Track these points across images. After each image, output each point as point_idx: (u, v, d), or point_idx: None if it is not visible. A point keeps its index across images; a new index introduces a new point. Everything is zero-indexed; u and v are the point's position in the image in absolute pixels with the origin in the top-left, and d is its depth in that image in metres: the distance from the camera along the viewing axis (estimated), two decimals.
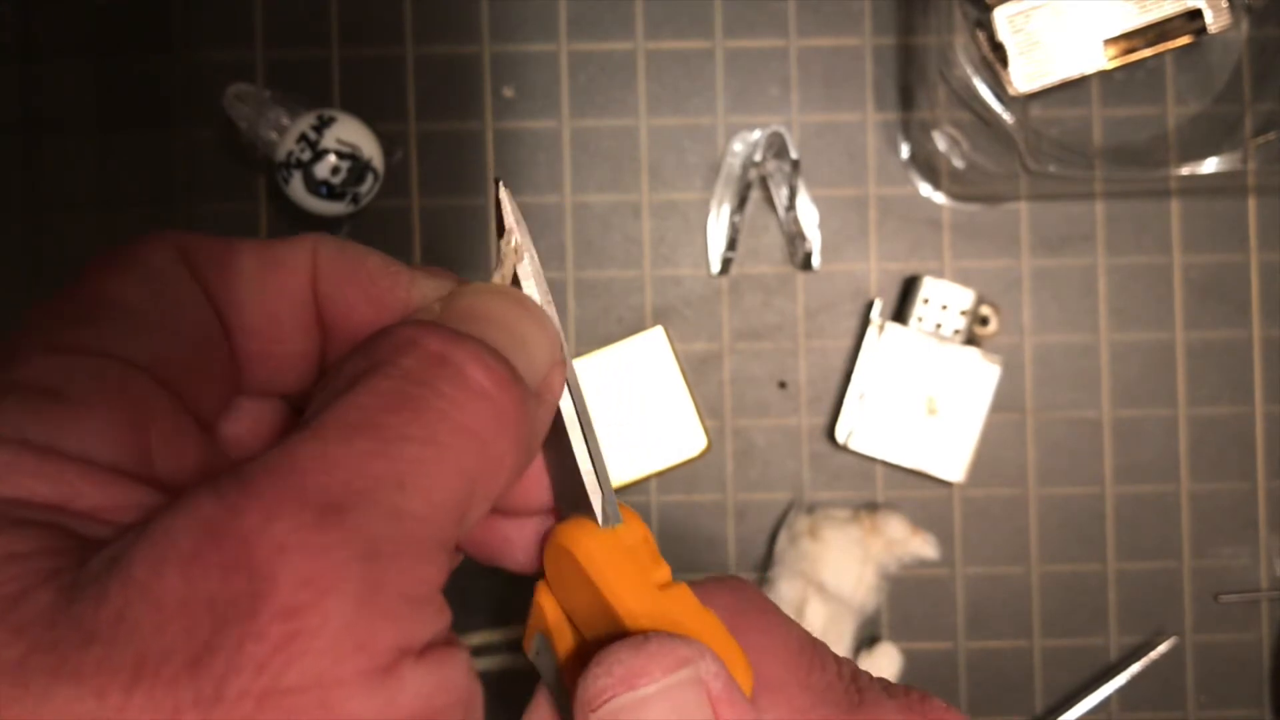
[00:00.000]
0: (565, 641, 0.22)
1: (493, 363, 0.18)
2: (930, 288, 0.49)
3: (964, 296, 0.49)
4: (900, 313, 0.50)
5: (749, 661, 0.20)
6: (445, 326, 0.19)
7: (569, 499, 0.22)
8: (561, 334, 0.21)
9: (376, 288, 0.21)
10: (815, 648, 0.22)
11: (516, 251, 0.22)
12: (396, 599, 0.16)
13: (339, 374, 0.18)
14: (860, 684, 0.22)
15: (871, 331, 0.49)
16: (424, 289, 0.21)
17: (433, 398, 0.17)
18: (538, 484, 0.22)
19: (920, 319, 0.49)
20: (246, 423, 0.21)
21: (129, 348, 0.19)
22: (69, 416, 0.17)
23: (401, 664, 0.16)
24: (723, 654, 0.20)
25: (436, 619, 0.17)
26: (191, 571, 0.15)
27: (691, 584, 0.22)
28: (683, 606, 0.21)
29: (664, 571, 0.21)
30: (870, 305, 0.50)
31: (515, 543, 0.23)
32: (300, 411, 0.22)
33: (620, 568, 0.20)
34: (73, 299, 0.19)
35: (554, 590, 0.22)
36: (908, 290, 0.50)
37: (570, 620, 0.22)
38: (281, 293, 0.21)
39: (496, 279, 0.22)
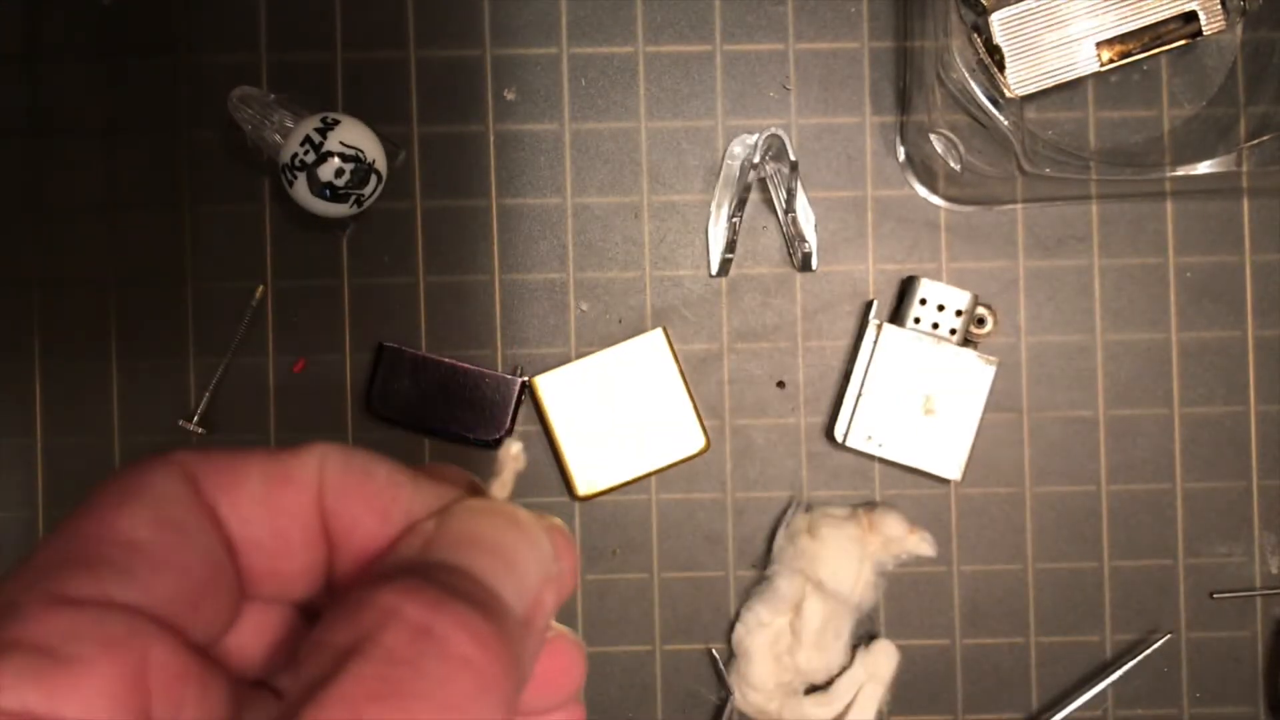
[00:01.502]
0: None
1: (478, 623, 0.18)
2: (927, 289, 0.49)
3: (960, 297, 0.49)
4: (898, 313, 0.50)
5: None
6: (430, 583, 0.19)
7: None
8: (554, 543, 0.22)
9: (382, 500, 0.21)
10: None
11: (516, 459, 0.22)
12: None
13: (323, 644, 0.18)
14: None
15: (869, 332, 0.49)
16: (426, 500, 0.21)
17: (415, 679, 0.17)
18: (537, 691, 0.23)
19: (917, 319, 0.50)
20: (251, 632, 0.22)
21: (134, 592, 0.19)
22: (69, 680, 0.17)
23: None
24: None
25: None
26: None
27: None
28: None
29: None
30: (868, 306, 0.50)
31: None
32: (306, 615, 0.22)
33: None
34: (76, 540, 0.19)
35: None
36: (905, 291, 0.50)
37: None
38: (288, 510, 0.21)
39: (495, 486, 0.23)
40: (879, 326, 0.49)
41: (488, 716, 0.18)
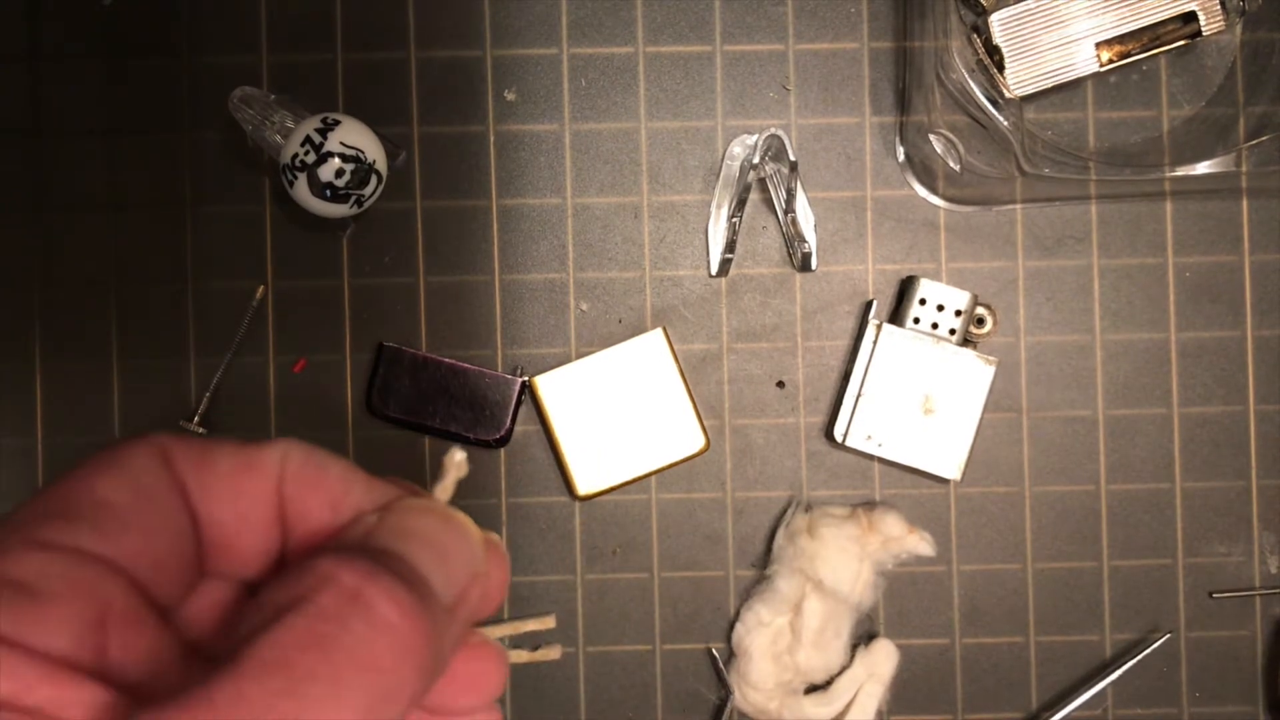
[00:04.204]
0: None
1: (403, 595, 0.20)
2: (927, 289, 0.50)
3: (960, 297, 0.49)
4: (897, 313, 0.50)
5: None
6: (366, 556, 0.21)
7: None
8: (488, 551, 0.24)
9: (334, 493, 0.24)
10: None
11: (460, 466, 0.25)
12: None
13: (266, 602, 0.20)
14: None
15: (869, 331, 0.49)
16: (374, 497, 0.24)
17: (342, 635, 0.19)
18: (458, 690, 0.24)
19: (917, 320, 0.50)
20: (206, 604, 0.24)
21: (103, 545, 0.21)
22: (37, 611, 0.20)
23: None
24: None
25: None
26: None
27: None
28: None
29: None
30: (868, 306, 0.50)
31: None
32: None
33: None
34: (59, 497, 0.21)
35: None
36: (904, 291, 0.50)
37: None
38: (250, 494, 0.23)
39: (438, 489, 0.25)
40: (878, 326, 0.49)
41: (404, 679, 0.20)
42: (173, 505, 0.22)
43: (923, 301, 0.50)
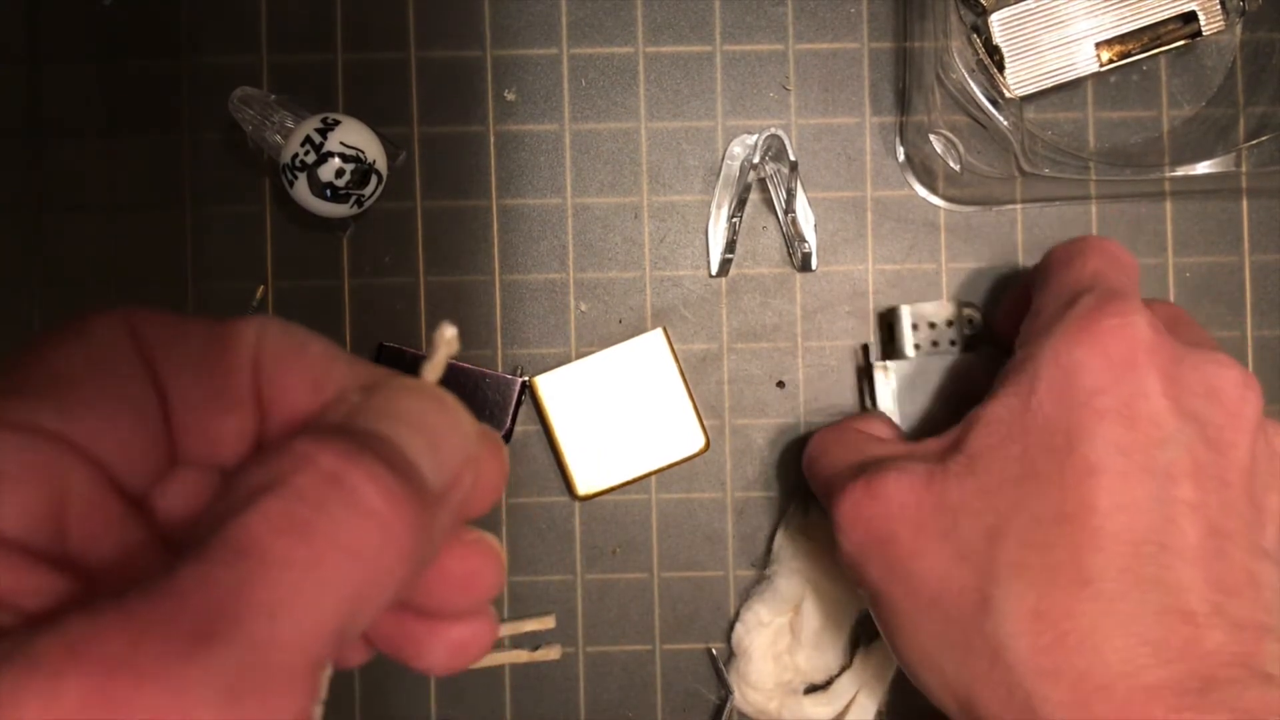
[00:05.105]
0: None
1: (388, 479, 0.19)
2: (911, 314, 0.48)
3: (944, 309, 0.49)
4: (893, 347, 0.50)
5: None
6: (347, 437, 0.19)
7: None
8: (476, 432, 0.22)
9: (315, 372, 0.22)
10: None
11: (450, 342, 0.22)
12: None
13: (238, 485, 0.18)
14: None
15: (878, 376, 0.48)
16: (359, 376, 0.22)
17: (321, 519, 0.18)
18: (451, 589, 0.22)
19: (917, 345, 0.49)
20: (180, 492, 0.22)
21: (62, 423, 0.19)
22: None
23: None
24: None
25: None
26: (51, 694, 0.15)
27: None
28: None
29: None
30: (864, 350, 0.50)
31: (424, 645, 0.23)
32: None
33: None
34: (13, 371, 0.20)
35: None
36: (890, 323, 0.49)
37: None
38: (223, 371, 0.21)
39: (427, 369, 0.22)
40: (885, 368, 0.48)
41: (388, 568, 0.18)
42: (139, 382, 0.21)
43: (915, 327, 0.49)
